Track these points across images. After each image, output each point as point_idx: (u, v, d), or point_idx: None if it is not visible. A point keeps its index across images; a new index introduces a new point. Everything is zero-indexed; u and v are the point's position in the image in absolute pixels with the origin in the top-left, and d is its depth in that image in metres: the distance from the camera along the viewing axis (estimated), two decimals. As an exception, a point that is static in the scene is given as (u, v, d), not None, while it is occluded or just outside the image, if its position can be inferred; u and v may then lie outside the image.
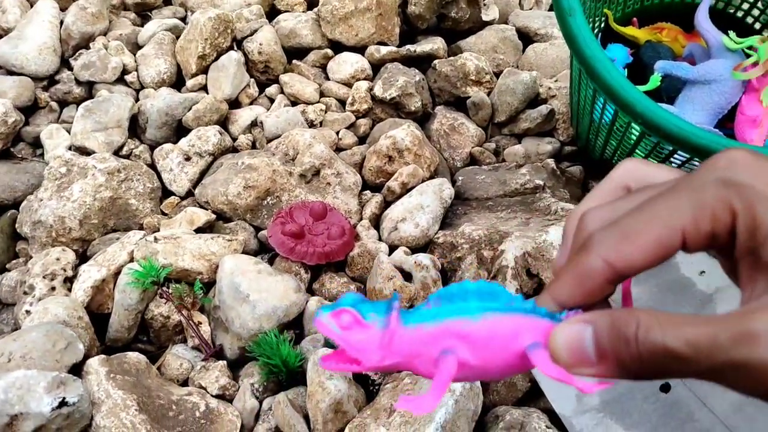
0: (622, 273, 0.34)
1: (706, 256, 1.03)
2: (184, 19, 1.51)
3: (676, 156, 1.02)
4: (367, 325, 0.36)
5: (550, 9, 1.66)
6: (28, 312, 1.01)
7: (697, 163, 1.01)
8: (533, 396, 0.95)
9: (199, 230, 1.12)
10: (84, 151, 1.24)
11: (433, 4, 1.45)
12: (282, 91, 1.40)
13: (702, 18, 1.26)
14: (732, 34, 1.24)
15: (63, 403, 0.85)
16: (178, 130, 1.30)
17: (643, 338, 0.31)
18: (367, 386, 0.96)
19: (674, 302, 1.00)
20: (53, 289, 1.04)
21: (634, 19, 1.38)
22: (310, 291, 1.07)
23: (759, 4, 1.33)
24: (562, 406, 0.91)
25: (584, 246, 0.35)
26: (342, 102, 1.39)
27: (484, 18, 1.54)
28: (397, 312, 0.37)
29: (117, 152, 1.26)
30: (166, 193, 1.24)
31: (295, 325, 1.02)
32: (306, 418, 0.91)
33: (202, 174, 1.24)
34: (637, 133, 1.06)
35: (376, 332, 0.36)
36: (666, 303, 1.00)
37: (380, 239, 1.15)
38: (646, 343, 0.31)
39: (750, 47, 1.22)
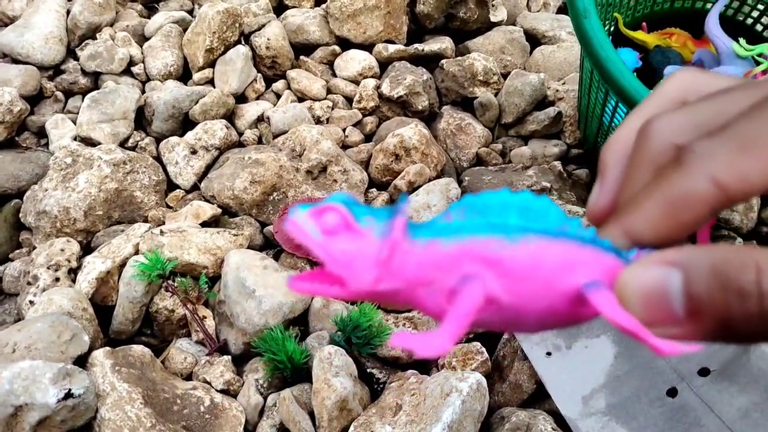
0: (734, 197, 0.26)
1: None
2: (191, 12, 1.50)
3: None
4: (361, 230, 0.27)
5: (558, 11, 1.67)
6: (31, 302, 1.00)
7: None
8: (539, 398, 0.94)
9: (204, 224, 1.12)
10: (89, 142, 1.23)
11: (441, 4, 1.45)
12: (289, 87, 1.40)
13: (712, 24, 1.26)
14: (742, 41, 1.24)
15: (69, 395, 0.84)
16: (185, 124, 1.29)
17: None
18: (372, 384, 0.95)
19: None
20: (57, 280, 1.03)
21: (644, 23, 1.38)
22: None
23: (768, 12, 1.33)
24: (568, 408, 0.91)
25: (677, 163, 0.27)
26: (349, 99, 1.39)
27: (492, 19, 1.53)
28: (403, 218, 0.27)
29: (123, 144, 1.25)
30: (171, 186, 1.23)
31: (301, 322, 1.02)
32: (311, 415, 0.90)
33: (208, 168, 1.24)
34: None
35: (373, 242, 0.27)
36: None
37: (386, 237, 1.14)
38: None
39: (760, 54, 1.23)
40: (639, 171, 0.30)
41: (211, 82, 1.35)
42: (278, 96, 1.38)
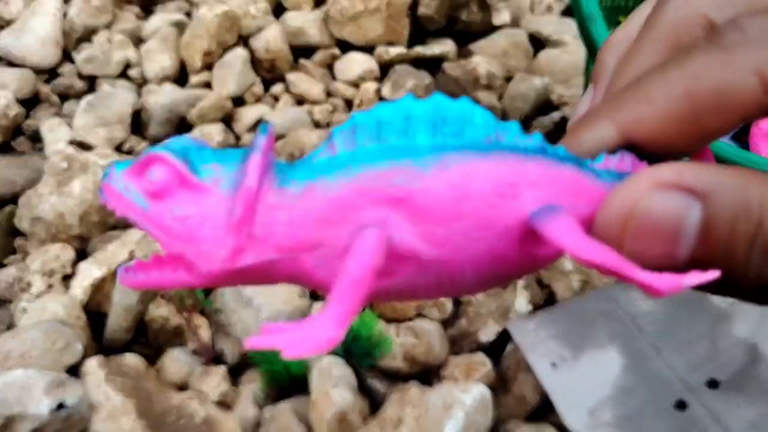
0: None
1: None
2: (188, 14, 1.48)
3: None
4: (203, 185, 0.19)
5: (563, 14, 1.65)
6: (25, 310, 0.98)
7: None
8: (544, 410, 0.92)
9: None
10: (85, 146, 1.21)
11: (444, 7, 1.43)
12: (288, 90, 1.38)
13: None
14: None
15: (61, 406, 0.82)
16: (182, 127, 1.27)
17: None
18: (372, 396, 0.94)
19: (688, 317, 0.99)
20: (51, 286, 1.01)
21: (649, 26, 1.37)
22: (315, 296, 1.05)
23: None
24: (574, 420, 0.89)
25: (713, 42, 0.20)
26: (349, 103, 1.37)
27: (496, 22, 1.52)
28: (263, 157, 0.19)
29: (119, 148, 1.24)
30: (169, 191, 1.21)
31: (299, 331, 1.00)
32: (308, 427, 0.89)
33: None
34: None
35: (221, 198, 0.19)
36: (679, 318, 0.99)
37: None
38: None
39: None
40: (650, 46, 0.23)
41: (208, 85, 1.34)
42: (277, 99, 1.37)
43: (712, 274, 0.18)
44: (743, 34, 0.19)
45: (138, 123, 1.28)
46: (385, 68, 1.41)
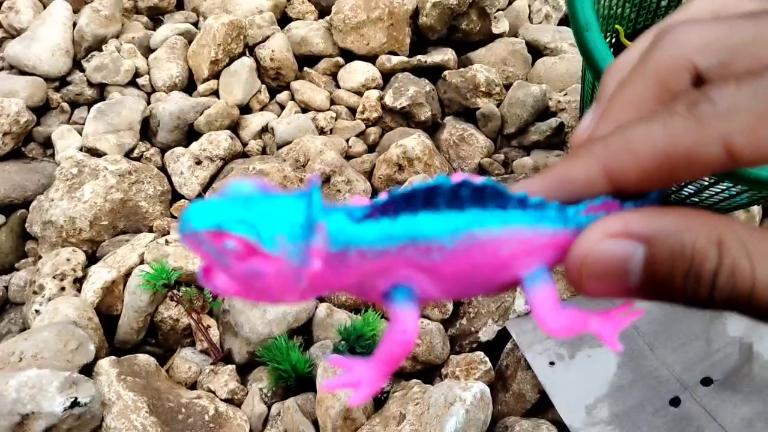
0: (740, 165, 0.23)
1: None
2: (196, 24, 1.51)
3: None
4: (273, 257, 0.22)
5: (560, 23, 1.68)
6: (37, 312, 1.01)
7: (707, 179, 1.01)
8: (542, 407, 0.95)
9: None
10: (95, 153, 1.24)
11: (444, 16, 1.46)
12: (293, 98, 1.41)
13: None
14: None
15: (75, 404, 0.84)
16: (190, 134, 1.30)
17: (725, 282, 0.21)
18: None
19: (683, 316, 1.01)
20: (63, 289, 1.04)
21: (644, 35, 1.39)
22: (320, 297, 1.07)
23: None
24: (572, 418, 0.91)
25: (690, 110, 0.23)
26: (352, 110, 1.40)
27: (495, 31, 1.54)
28: (323, 236, 0.23)
29: (128, 154, 1.26)
30: (176, 196, 1.24)
31: (305, 331, 1.02)
32: (315, 424, 0.91)
33: (213, 178, 1.24)
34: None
35: (289, 268, 0.23)
36: (676, 317, 1.01)
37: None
38: (725, 288, 0.21)
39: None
40: (639, 86, 0.26)
41: (215, 93, 1.37)
42: (282, 107, 1.39)
43: (638, 314, 0.25)
44: (713, 107, 0.22)
45: (147, 130, 1.31)
46: (387, 76, 1.44)
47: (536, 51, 1.57)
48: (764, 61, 0.23)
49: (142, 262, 1.05)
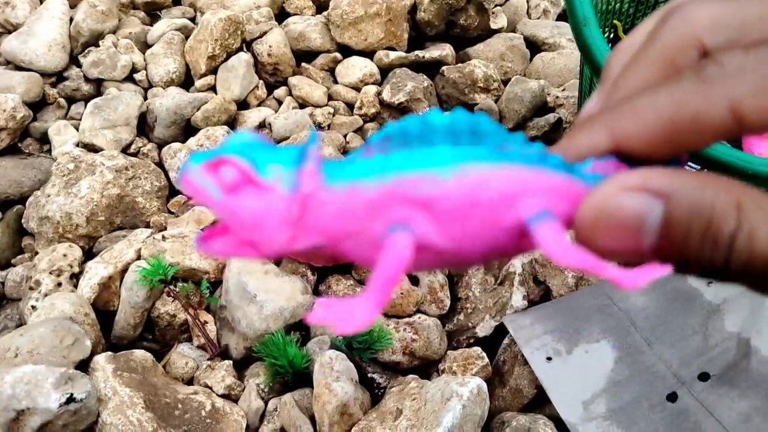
0: (747, 130, 0.23)
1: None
2: (193, 19, 1.51)
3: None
4: (266, 184, 0.23)
5: (558, 19, 1.67)
6: (33, 307, 1.01)
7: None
8: (539, 402, 0.95)
9: (206, 229, 1.12)
10: (92, 148, 1.24)
11: (442, 11, 1.46)
12: (290, 93, 1.40)
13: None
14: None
15: (71, 399, 0.84)
16: (187, 130, 1.30)
17: (743, 247, 0.21)
18: (373, 389, 0.96)
19: (680, 311, 1.01)
20: (59, 285, 1.04)
21: (643, 30, 1.39)
22: (317, 293, 1.07)
23: None
24: (569, 413, 0.91)
25: (696, 73, 0.23)
26: (350, 105, 1.40)
27: (493, 26, 1.54)
28: (315, 162, 0.23)
29: (125, 150, 1.26)
30: (173, 191, 1.23)
31: (302, 326, 1.02)
32: (312, 419, 0.91)
33: (210, 174, 1.24)
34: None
35: (281, 197, 0.23)
36: (673, 312, 1.01)
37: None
38: (743, 253, 0.21)
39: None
40: (647, 62, 0.26)
41: (213, 88, 1.36)
42: (280, 102, 1.39)
43: (666, 269, 0.22)
44: (721, 69, 0.22)
45: (144, 125, 1.31)
46: (385, 72, 1.43)
47: (534, 46, 1.56)
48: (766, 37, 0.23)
49: (139, 257, 1.05)
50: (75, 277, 1.05)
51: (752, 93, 0.22)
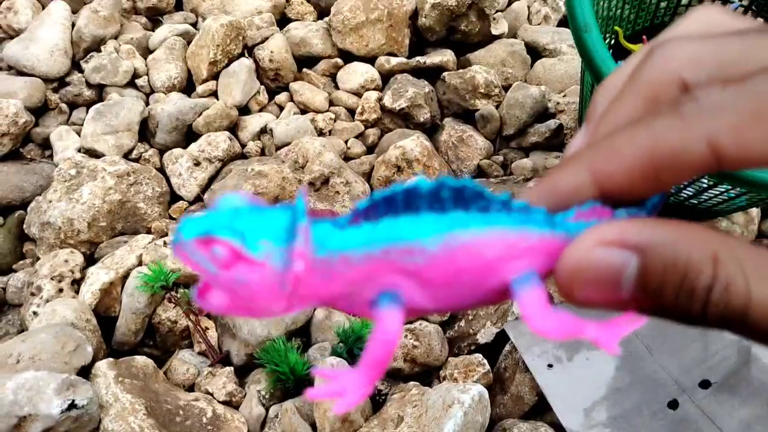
0: (725, 166, 0.23)
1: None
2: (194, 25, 1.51)
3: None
4: (257, 262, 0.23)
5: (559, 25, 1.68)
6: (35, 313, 1.01)
7: (705, 181, 1.01)
8: (540, 410, 0.95)
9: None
10: (93, 154, 1.24)
11: (443, 17, 1.46)
12: (292, 99, 1.40)
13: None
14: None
15: (72, 406, 0.84)
16: (188, 135, 1.30)
17: (718, 299, 0.21)
18: (374, 396, 0.96)
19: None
20: (61, 290, 1.04)
21: (644, 36, 1.39)
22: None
23: None
24: (570, 420, 0.91)
25: (675, 109, 0.23)
26: (351, 111, 1.40)
27: (494, 32, 1.54)
28: (305, 237, 0.23)
29: (126, 155, 1.26)
30: (175, 197, 1.24)
31: (303, 333, 1.02)
32: (313, 426, 0.91)
33: (211, 179, 1.24)
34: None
35: (273, 273, 0.23)
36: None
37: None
38: (719, 305, 0.21)
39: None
40: (629, 100, 0.26)
41: (214, 94, 1.36)
42: (281, 108, 1.39)
43: (641, 321, 0.23)
44: (698, 105, 0.22)
45: (145, 131, 1.31)
46: (386, 77, 1.43)
47: (535, 52, 1.57)
48: (745, 74, 0.23)
49: (140, 263, 1.05)
50: (76, 283, 1.06)
51: (730, 129, 0.22)
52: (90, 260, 1.12)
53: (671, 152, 0.23)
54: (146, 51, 1.43)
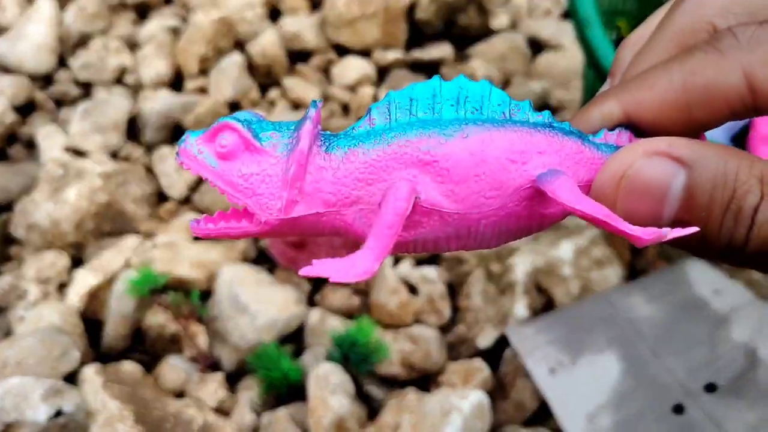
0: (761, 106, 0.22)
1: (720, 275, 1.01)
2: (184, 20, 1.48)
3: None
4: (263, 149, 0.24)
5: (561, 18, 1.64)
6: (21, 317, 0.98)
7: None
8: (543, 416, 0.92)
9: (197, 237, 1.09)
10: (81, 153, 1.21)
11: (441, 11, 1.43)
12: (284, 95, 1.37)
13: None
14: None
15: (59, 413, 0.82)
16: (177, 133, 1.27)
17: (765, 220, 0.21)
18: (370, 403, 0.93)
19: (686, 321, 0.98)
20: (47, 294, 1.01)
21: (646, 30, 1.36)
22: (312, 302, 1.04)
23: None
24: (573, 426, 0.88)
25: (711, 44, 0.23)
26: (346, 107, 1.37)
27: (493, 26, 1.51)
28: (313, 127, 0.23)
29: (114, 155, 1.23)
30: (164, 197, 1.20)
31: (296, 338, 0.99)
32: (307, 434, 0.88)
33: (201, 179, 1.21)
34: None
35: (278, 159, 0.23)
36: (680, 322, 0.98)
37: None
38: (764, 228, 0.21)
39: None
40: (660, 45, 0.26)
41: (204, 90, 1.33)
42: (273, 104, 1.36)
43: (692, 230, 0.21)
44: (736, 39, 0.22)
45: (133, 129, 1.28)
46: (383, 72, 1.40)
47: (537, 46, 1.53)
48: None
49: (128, 266, 1.02)
50: (63, 286, 1.03)
51: (766, 63, 0.21)
52: (77, 262, 1.08)
53: (706, 84, 0.22)
54: (135, 47, 1.40)
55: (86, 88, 1.33)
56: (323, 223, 0.24)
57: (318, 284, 1.07)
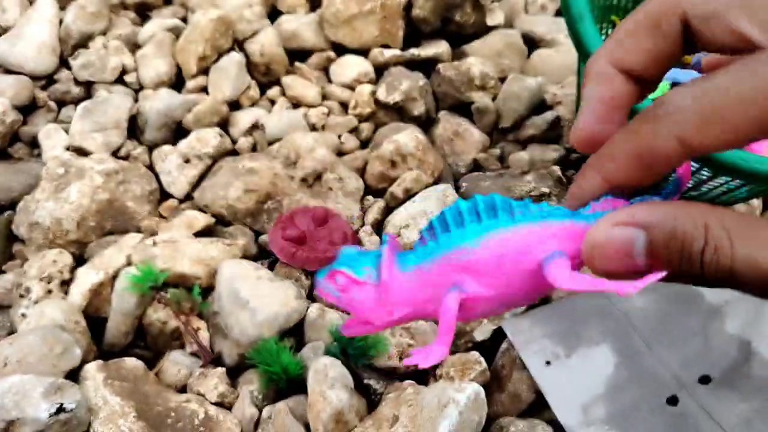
0: (699, 154, 0.28)
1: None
2: (184, 20, 1.49)
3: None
4: (362, 281, 0.33)
5: (556, 14, 1.65)
6: (24, 315, 0.99)
7: (705, 173, 1.00)
8: (538, 408, 0.93)
9: (198, 234, 1.11)
10: (82, 152, 1.22)
11: (438, 8, 1.44)
12: (283, 94, 1.38)
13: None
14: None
15: (61, 409, 0.83)
16: (178, 132, 1.28)
17: (710, 260, 0.26)
18: (369, 395, 0.94)
19: (681, 313, 0.99)
20: (50, 292, 1.02)
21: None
22: (311, 298, 1.05)
23: None
24: (568, 417, 0.90)
25: (651, 116, 0.29)
26: (344, 105, 1.38)
27: (489, 23, 1.52)
28: (389, 258, 0.33)
29: (115, 153, 1.24)
30: (165, 195, 1.22)
31: (296, 333, 1.01)
32: (306, 427, 0.89)
33: (202, 177, 1.22)
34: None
35: (372, 287, 0.33)
36: (672, 314, 0.99)
37: (383, 245, 1.13)
38: (711, 265, 0.26)
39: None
40: (634, 28, 0.32)
41: (204, 89, 1.34)
42: (273, 103, 1.37)
43: (661, 274, 0.28)
44: (665, 109, 0.28)
45: (134, 128, 1.29)
46: (380, 70, 1.41)
47: (532, 42, 1.54)
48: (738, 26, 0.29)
49: (129, 263, 1.03)
50: (66, 284, 1.04)
51: (694, 129, 0.27)
52: (79, 260, 1.10)
53: (651, 151, 0.29)
54: (135, 47, 1.41)
55: (87, 88, 1.34)
56: (416, 314, 0.34)
57: (317, 280, 1.08)
